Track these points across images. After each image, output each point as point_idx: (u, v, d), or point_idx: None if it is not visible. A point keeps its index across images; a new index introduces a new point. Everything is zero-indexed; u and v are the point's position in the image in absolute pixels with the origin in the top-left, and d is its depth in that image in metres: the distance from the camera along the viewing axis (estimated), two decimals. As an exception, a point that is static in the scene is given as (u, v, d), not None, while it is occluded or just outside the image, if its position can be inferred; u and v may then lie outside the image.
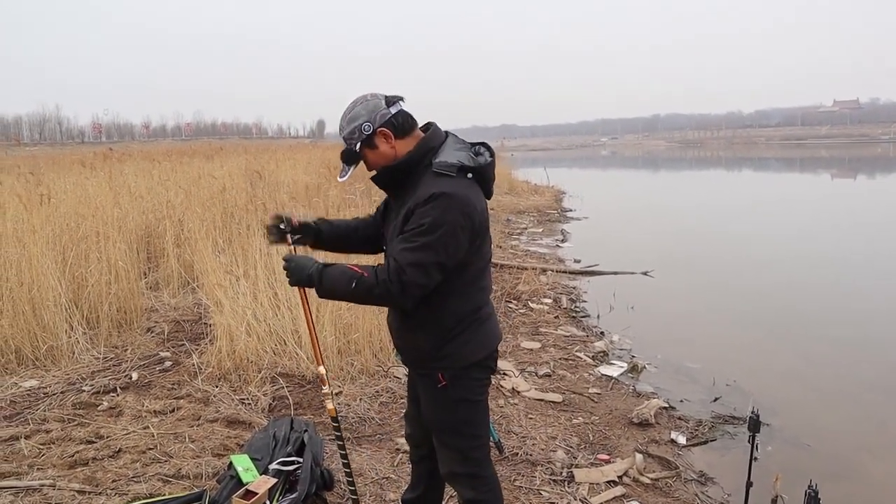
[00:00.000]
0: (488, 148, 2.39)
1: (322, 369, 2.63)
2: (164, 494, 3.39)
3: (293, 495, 3.12)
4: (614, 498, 3.64)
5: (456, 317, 2.31)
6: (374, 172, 2.35)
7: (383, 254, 2.45)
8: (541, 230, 14.45)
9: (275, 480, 3.14)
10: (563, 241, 13.20)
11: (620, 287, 8.93)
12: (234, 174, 12.46)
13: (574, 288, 9.01)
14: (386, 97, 2.27)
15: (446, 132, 2.37)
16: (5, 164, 15.17)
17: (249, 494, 2.96)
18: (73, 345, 5.45)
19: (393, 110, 2.25)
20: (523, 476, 3.79)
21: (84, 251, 6.28)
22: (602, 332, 6.96)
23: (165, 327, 6.07)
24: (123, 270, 6.22)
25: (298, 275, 2.33)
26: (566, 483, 3.76)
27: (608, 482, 3.80)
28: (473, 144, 2.37)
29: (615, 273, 9.96)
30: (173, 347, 5.64)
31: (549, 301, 7.95)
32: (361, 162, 2.36)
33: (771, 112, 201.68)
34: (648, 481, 3.87)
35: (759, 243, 12.84)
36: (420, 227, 2.13)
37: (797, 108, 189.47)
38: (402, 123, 2.27)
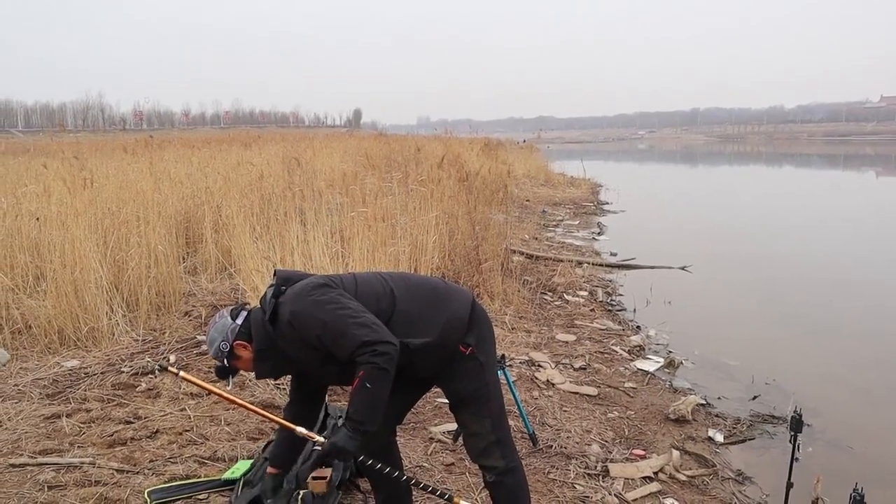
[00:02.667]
0: (275, 271, 2.60)
1: (300, 429, 2.59)
2: (200, 476, 3.43)
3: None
4: (650, 494, 3.59)
5: (420, 309, 2.48)
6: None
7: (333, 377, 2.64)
8: (577, 222, 14.33)
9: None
10: (599, 233, 13.08)
11: (657, 281, 8.81)
12: (271, 162, 12.54)
13: (610, 281, 8.92)
14: (231, 311, 2.53)
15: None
16: (51, 149, 15.42)
17: (318, 477, 2.98)
18: (113, 326, 5.53)
19: (239, 321, 2.49)
20: (557, 469, 3.76)
21: (125, 235, 6.37)
22: (638, 327, 6.87)
23: (203, 311, 6.13)
24: (163, 255, 6.30)
25: (348, 447, 2.35)
26: (601, 477, 3.72)
27: (643, 478, 3.74)
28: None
29: (652, 267, 9.83)
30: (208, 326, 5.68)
31: (584, 294, 7.88)
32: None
33: (814, 107, 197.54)
34: (685, 478, 3.81)
35: (800, 240, 12.60)
36: (322, 333, 2.33)
37: (842, 103, 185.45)
38: (246, 329, 2.49)
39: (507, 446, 2.61)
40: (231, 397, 2.76)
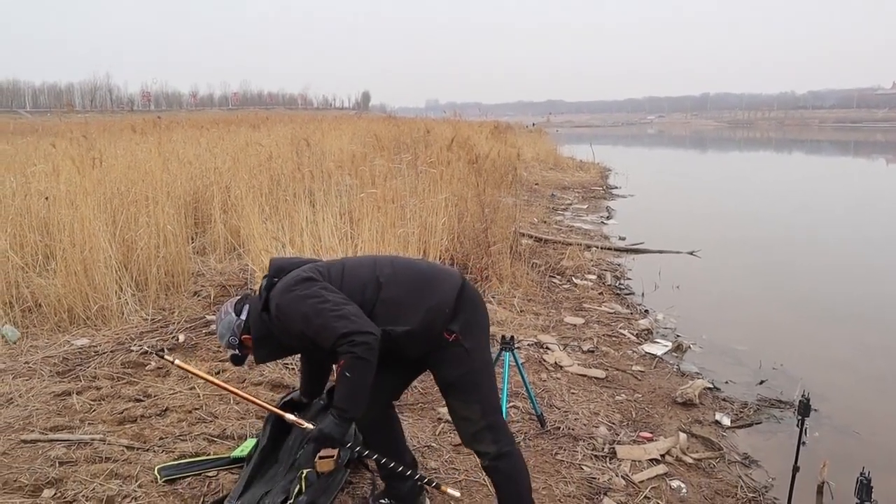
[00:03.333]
0: (270, 260, 2.75)
1: (290, 417, 2.72)
2: (210, 454, 3.45)
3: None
4: (656, 476, 3.59)
5: (403, 296, 2.53)
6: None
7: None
8: (585, 206, 14.29)
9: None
10: (608, 217, 13.04)
11: (666, 266, 8.79)
12: (280, 143, 12.52)
13: (619, 265, 8.90)
14: (234, 306, 2.67)
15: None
16: (59, 129, 15.47)
17: (325, 456, 3.00)
18: (122, 305, 5.56)
19: (243, 316, 2.63)
20: (565, 450, 3.77)
21: (133, 215, 6.38)
22: (646, 311, 6.86)
23: (212, 291, 6.15)
24: (171, 235, 6.31)
25: (335, 434, 2.48)
26: (608, 459, 3.73)
27: (650, 460, 3.75)
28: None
29: (661, 252, 9.80)
30: (216, 317, 5.70)
31: (593, 277, 7.87)
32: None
33: (825, 93, 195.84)
34: (691, 461, 3.81)
35: (809, 226, 12.53)
36: (305, 325, 2.43)
37: (853, 89, 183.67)
38: (248, 322, 2.63)
39: (499, 431, 2.62)
40: (221, 383, 2.87)
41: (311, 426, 2.59)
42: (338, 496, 2.96)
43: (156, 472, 3.23)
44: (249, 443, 3.44)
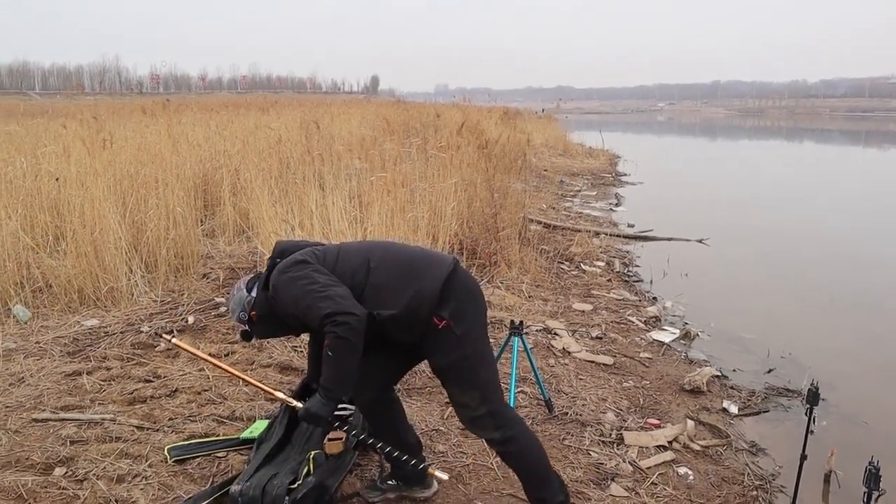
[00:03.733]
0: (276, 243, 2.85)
1: (280, 394, 2.88)
2: (219, 435, 3.47)
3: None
4: (664, 462, 3.60)
5: (390, 280, 2.57)
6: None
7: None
8: (594, 193, 14.24)
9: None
10: (616, 204, 13.00)
11: (675, 253, 8.77)
12: (290, 126, 12.51)
13: (627, 252, 8.88)
14: (247, 283, 2.75)
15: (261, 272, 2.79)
16: (69, 111, 15.51)
17: (334, 438, 3.04)
18: (132, 287, 5.58)
19: (254, 293, 2.71)
20: (572, 436, 3.78)
21: (143, 197, 6.39)
22: (655, 298, 6.85)
23: (221, 274, 6.17)
24: (181, 217, 6.32)
25: (320, 413, 2.54)
26: (615, 445, 3.73)
27: (658, 446, 3.76)
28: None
29: (670, 239, 9.77)
30: (228, 293, 5.71)
31: (601, 264, 7.85)
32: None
33: (837, 82, 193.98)
34: (699, 448, 3.81)
35: (818, 215, 12.46)
36: (295, 307, 2.54)
37: (865, 78, 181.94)
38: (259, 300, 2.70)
39: (501, 416, 2.62)
40: (219, 363, 3.00)
41: (299, 405, 2.66)
42: (346, 478, 2.97)
43: (166, 452, 3.25)
44: (259, 424, 3.46)
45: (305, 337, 4.62)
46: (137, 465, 3.13)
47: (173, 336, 2.90)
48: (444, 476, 2.74)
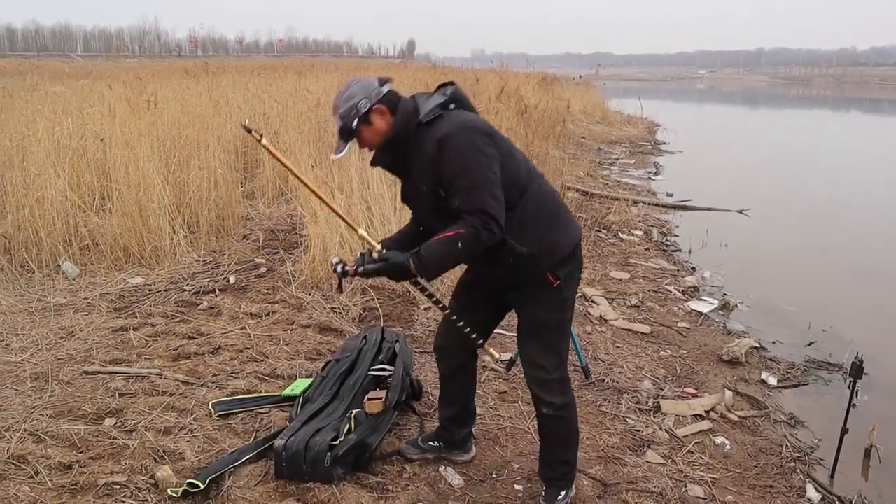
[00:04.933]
0: (451, 82, 2.54)
1: (362, 231, 2.68)
2: (261, 391, 3.55)
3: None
4: (700, 431, 3.60)
5: (536, 219, 2.45)
6: (371, 155, 2.55)
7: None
8: (633, 161, 14.06)
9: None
10: (655, 173, 12.83)
11: (714, 224, 8.65)
12: (328, 89, 12.50)
13: (666, 221, 8.78)
14: (378, 78, 2.46)
15: (412, 96, 2.51)
16: (112, 72, 15.71)
17: (374, 398, 3.12)
18: (175, 246, 5.69)
19: (385, 89, 2.43)
20: (609, 402, 3.79)
21: (185, 158, 6.48)
22: (693, 268, 6.79)
23: (260, 235, 6.26)
24: (222, 178, 6.41)
25: (398, 272, 2.40)
26: (652, 413, 3.74)
27: (695, 416, 3.75)
28: (438, 87, 2.53)
29: (709, 209, 9.62)
30: (268, 255, 5.81)
31: (639, 233, 7.79)
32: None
33: (889, 49, 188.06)
34: (736, 419, 3.80)
35: (863, 188, 12.16)
36: (457, 173, 2.30)
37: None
38: (392, 100, 2.44)
39: (567, 384, 2.69)
40: (302, 177, 2.89)
41: (378, 245, 2.56)
42: (386, 437, 3.03)
43: (210, 406, 3.34)
44: (300, 383, 3.53)
45: (345, 299, 4.72)
46: (183, 419, 3.23)
47: (262, 138, 2.60)
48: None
